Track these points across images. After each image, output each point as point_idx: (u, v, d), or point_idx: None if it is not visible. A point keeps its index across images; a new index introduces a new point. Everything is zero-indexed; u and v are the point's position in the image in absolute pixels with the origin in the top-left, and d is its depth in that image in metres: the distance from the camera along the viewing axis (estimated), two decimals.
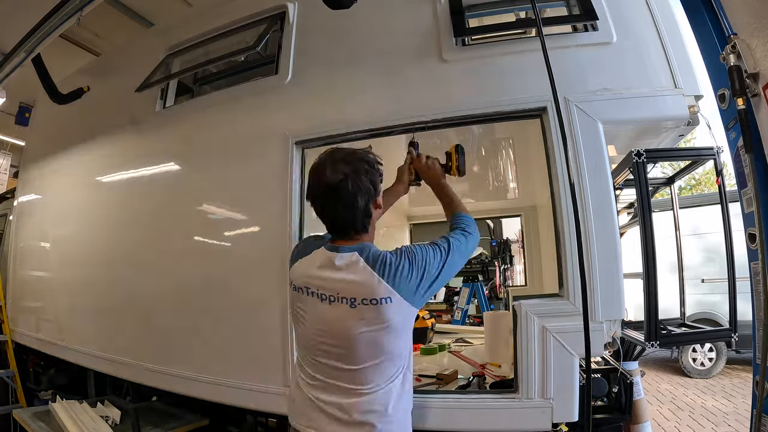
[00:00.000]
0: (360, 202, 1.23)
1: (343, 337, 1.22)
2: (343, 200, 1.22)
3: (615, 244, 1.60)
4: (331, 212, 1.25)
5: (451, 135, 2.44)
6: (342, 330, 1.21)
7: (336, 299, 1.21)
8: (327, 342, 1.24)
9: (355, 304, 1.19)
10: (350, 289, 1.20)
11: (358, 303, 1.19)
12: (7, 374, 3.60)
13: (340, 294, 1.21)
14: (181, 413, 2.58)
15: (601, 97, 1.70)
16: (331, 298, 1.22)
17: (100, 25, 3.79)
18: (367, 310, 1.18)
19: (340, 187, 1.21)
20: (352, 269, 1.21)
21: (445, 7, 1.99)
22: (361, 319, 1.19)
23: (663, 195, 3.50)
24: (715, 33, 1.32)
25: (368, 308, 1.18)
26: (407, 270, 1.20)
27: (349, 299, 1.20)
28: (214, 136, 2.37)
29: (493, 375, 2.04)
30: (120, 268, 2.72)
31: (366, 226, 1.28)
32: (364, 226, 1.28)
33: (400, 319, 1.21)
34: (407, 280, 1.20)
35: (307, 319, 1.28)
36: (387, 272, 1.19)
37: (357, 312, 1.19)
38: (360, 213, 1.24)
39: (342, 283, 1.21)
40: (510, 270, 5.46)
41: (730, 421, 4.31)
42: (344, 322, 1.21)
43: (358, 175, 1.23)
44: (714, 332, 3.25)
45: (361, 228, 1.27)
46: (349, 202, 1.22)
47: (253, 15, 2.42)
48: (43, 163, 3.63)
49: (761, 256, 1.18)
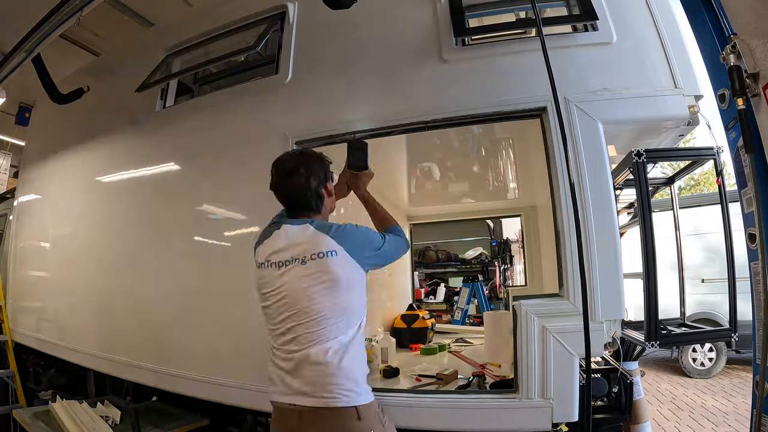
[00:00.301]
0: (312, 183, 1.45)
1: (298, 296, 1.35)
2: (298, 181, 1.44)
3: (615, 244, 1.60)
4: (290, 192, 1.47)
5: (452, 135, 2.44)
6: (296, 289, 1.35)
7: (290, 261, 1.37)
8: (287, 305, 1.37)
9: (305, 261, 1.35)
10: (300, 249, 1.37)
11: (308, 259, 1.35)
12: (7, 374, 3.60)
13: (292, 256, 1.38)
14: (181, 413, 2.58)
15: (601, 97, 1.70)
16: (286, 263, 1.38)
17: (100, 25, 3.79)
18: (315, 265, 1.34)
19: (297, 170, 1.44)
20: (303, 234, 1.40)
21: (445, 7, 1.99)
22: (311, 274, 1.34)
23: (663, 195, 3.50)
24: (715, 33, 1.31)
25: (316, 262, 1.34)
26: (352, 230, 1.40)
27: (300, 258, 1.36)
28: (214, 136, 2.37)
29: (493, 375, 2.04)
30: (120, 267, 2.72)
31: (319, 205, 1.48)
32: (317, 205, 1.48)
33: (346, 274, 1.35)
34: (352, 237, 1.38)
35: (270, 291, 1.41)
36: (333, 230, 1.38)
37: (307, 268, 1.35)
38: (313, 192, 1.46)
39: (294, 247, 1.38)
40: (510, 270, 5.47)
41: (730, 421, 4.31)
42: (297, 281, 1.35)
43: (310, 163, 1.47)
44: (714, 332, 3.25)
45: (315, 206, 1.47)
46: (304, 182, 1.44)
47: (253, 15, 2.42)
48: (43, 163, 3.63)
49: (761, 256, 1.18)
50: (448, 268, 6.62)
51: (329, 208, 1.55)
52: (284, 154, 1.55)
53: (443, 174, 3.20)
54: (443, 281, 6.45)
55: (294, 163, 1.47)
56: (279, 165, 1.49)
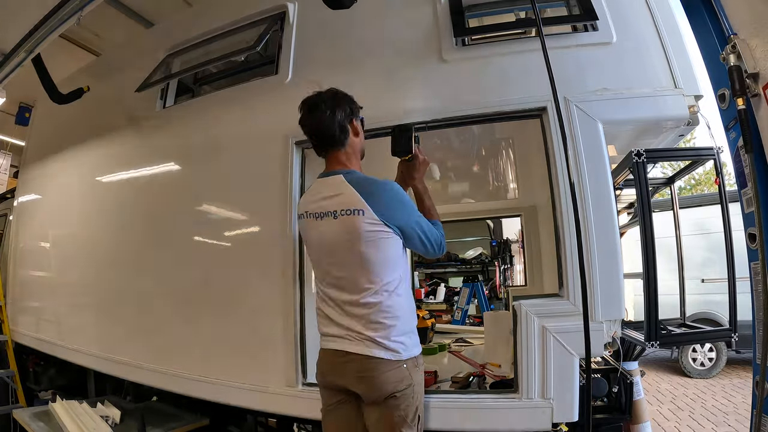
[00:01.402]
0: (337, 115, 1.48)
1: (333, 246, 1.45)
2: (322, 114, 1.48)
3: (615, 244, 1.60)
4: (314, 124, 1.51)
5: (452, 135, 2.44)
6: (331, 240, 1.45)
7: (325, 214, 1.45)
8: (325, 253, 1.48)
9: (337, 215, 1.42)
10: (333, 203, 1.44)
11: (339, 214, 1.42)
12: (7, 374, 3.60)
13: (326, 209, 1.45)
14: (181, 413, 2.58)
15: (601, 97, 1.70)
16: (321, 214, 1.46)
17: (100, 25, 3.79)
18: (346, 221, 1.41)
19: (320, 104, 1.49)
20: (336, 187, 1.45)
21: (445, 7, 1.99)
22: (343, 228, 1.41)
23: (663, 195, 3.50)
24: (715, 33, 1.32)
25: (347, 218, 1.41)
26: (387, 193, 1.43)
27: (332, 212, 1.44)
28: (214, 136, 2.37)
29: (493, 375, 2.04)
30: (120, 267, 2.72)
31: (343, 138, 1.51)
32: (341, 138, 1.50)
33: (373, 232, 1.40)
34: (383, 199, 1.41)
35: (310, 239, 1.54)
36: (364, 189, 1.41)
37: (339, 222, 1.42)
38: (337, 124, 1.48)
39: (327, 200, 1.46)
40: (510, 270, 5.46)
41: (730, 421, 4.31)
42: (331, 233, 1.44)
43: (335, 98, 1.52)
44: (714, 332, 3.24)
45: (339, 139, 1.50)
46: (329, 115, 1.48)
47: (253, 15, 2.42)
48: (43, 163, 3.63)
49: (761, 256, 1.18)
50: (448, 268, 6.62)
51: (358, 148, 1.57)
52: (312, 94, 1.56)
53: (443, 174, 3.20)
54: (443, 281, 6.45)
55: (318, 98, 1.51)
56: (306, 101, 1.53)
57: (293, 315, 1.91)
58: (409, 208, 1.47)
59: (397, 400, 1.39)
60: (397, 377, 1.39)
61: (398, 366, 1.40)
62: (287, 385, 1.89)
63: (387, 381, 1.38)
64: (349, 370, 1.42)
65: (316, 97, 1.52)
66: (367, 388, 1.40)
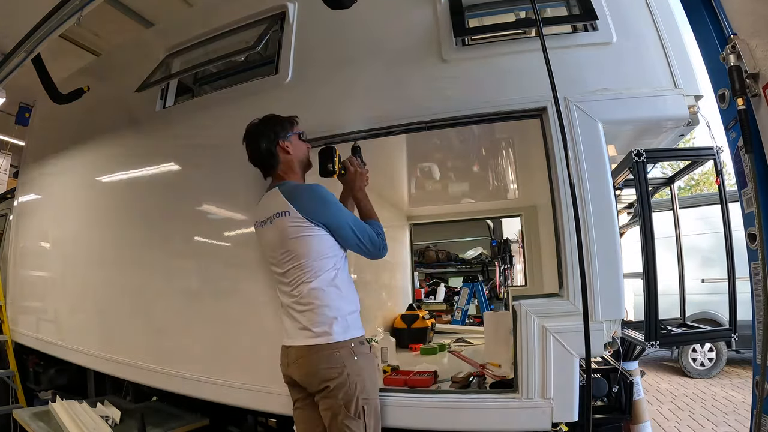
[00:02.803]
0: (262, 145, 1.69)
1: (273, 247, 1.63)
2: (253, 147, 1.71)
3: (615, 244, 1.60)
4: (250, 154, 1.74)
5: (452, 135, 2.44)
6: (270, 241, 1.64)
7: (265, 221, 1.65)
8: (270, 255, 1.67)
9: (272, 220, 1.61)
10: (269, 211, 1.63)
11: (273, 218, 1.60)
12: (7, 374, 3.60)
13: (265, 216, 1.65)
14: (181, 413, 2.58)
15: (601, 97, 1.70)
16: (264, 222, 1.65)
17: (100, 25, 3.79)
18: (277, 223, 1.59)
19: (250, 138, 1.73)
20: (273, 197, 1.63)
21: (445, 7, 1.98)
22: (275, 229, 1.60)
23: (663, 195, 3.50)
24: (715, 33, 1.32)
25: (277, 221, 1.59)
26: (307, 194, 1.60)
27: (269, 218, 1.62)
28: (214, 136, 2.36)
29: (493, 375, 2.04)
30: (120, 267, 2.72)
31: (274, 162, 1.70)
32: (273, 163, 1.70)
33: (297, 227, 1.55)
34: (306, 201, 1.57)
35: (261, 245, 1.74)
36: (290, 194, 1.59)
37: (274, 225, 1.61)
38: (264, 152, 1.69)
39: (266, 210, 1.65)
40: (510, 270, 5.46)
41: (730, 421, 4.31)
42: (270, 235, 1.64)
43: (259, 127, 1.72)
44: (714, 332, 3.25)
45: (271, 164, 1.70)
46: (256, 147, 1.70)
47: (253, 15, 2.42)
48: (43, 163, 3.63)
49: (761, 256, 1.18)
50: (448, 268, 6.62)
51: (294, 163, 1.72)
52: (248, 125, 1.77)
53: (443, 174, 3.19)
54: (443, 281, 6.45)
55: (247, 132, 1.74)
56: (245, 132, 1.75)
57: None
58: (332, 206, 1.59)
59: (331, 390, 1.45)
60: (326, 363, 1.47)
61: (328, 352, 1.48)
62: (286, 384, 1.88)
63: (316, 365, 1.47)
64: (290, 361, 1.57)
65: (246, 131, 1.74)
66: (302, 375, 1.53)
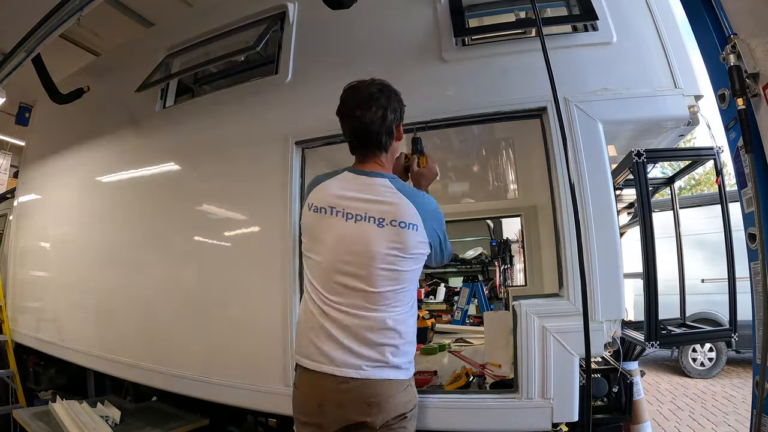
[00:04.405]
0: (389, 116, 1.32)
1: (365, 256, 1.26)
2: (376, 110, 1.29)
3: (615, 244, 1.60)
4: (362, 119, 1.30)
5: (452, 135, 2.44)
6: (365, 249, 1.27)
7: (363, 218, 1.28)
8: (348, 260, 1.28)
9: (383, 224, 1.26)
10: (380, 210, 1.28)
11: (386, 224, 1.26)
12: (7, 374, 3.59)
13: (368, 213, 1.28)
14: (181, 413, 2.57)
15: (601, 97, 1.70)
16: (357, 216, 1.28)
17: (100, 25, 3.78)
18: (393, 232, 1.26)
19: (376, 96, 1.31)
20: (382, 192, 1.30)
21: (445, 7, 1.99)
22: (386, 239, 1.26)
23: (663, 195, 3.50)
24: (715, 33, 1.31)
25: (395, 230, 1.26)
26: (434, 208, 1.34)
27: (377, 219, 1.27)
28: (214, 136, 2.37)
29: (493, 375, 2.03)
30: (120, 267, 2.72)
31: (387, 144, 1.36)
32: (386, 143, 1.36)
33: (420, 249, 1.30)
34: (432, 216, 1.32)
35: (328, 240, 1.31)
36: (419, 202, 1.30)
37: (383, 232, 1.26)
38: (387, 125, 1.32)
39: (371, 204, 1.29)
40: (510, 270, 5.46)
41: (730, 421, 4.31)
42: (369, 241, 1.26)
43: (391, 94, 1.35)
44: (714, 332, 3.25)
45: (384, 143, 1.35)
46: (381, 114, 1.30)
47: (253, 15, 2.42)
48: (43, 163, 3.63)
49: (761, 256, 1.18)
50: (448, 268, 6.61)
51: (394, 155, 1.44)
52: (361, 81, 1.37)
53: (443, 174, 3.19)
54: (443, 281, 6.44)
55: (375, 89, 1.32)
56: (356, 88, 1.34)
57: (292, 315, 1.91)
58: (443, 223, 1.37)
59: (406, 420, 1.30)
60: (407, 397, 1.31)
61: (408, 385, 1.32)
62: (286, 385, 1.88)
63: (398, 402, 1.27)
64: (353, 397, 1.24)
65: (366, 91, 1.32)
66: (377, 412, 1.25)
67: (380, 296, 1.27)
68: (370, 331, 1.27)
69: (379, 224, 1.26)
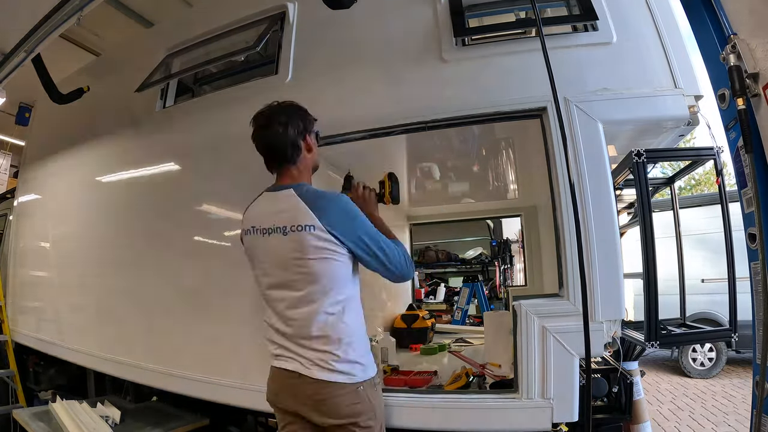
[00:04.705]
0: (290, 132, 1.43)
1: (282, 265, 1.38)
2: (275, 129, 1.43)
3: (615, 244, 1.60)
4: (266, 140, 1.45)
5: (452, 135, 2.44)
6: (280, 258, 1.38)
7: (273, 230, 1.39)
8: (270, 272, 1.42)
9: (287, 232, 1.36)
10: (282, 218, 1.37)
11: (289, 230, 1.36)
12: (7, 374, 3.60)
13: (275, 224, 1.38)
14: (181, 413, 2.57)
15: (601, 97, 1.70)
16: (269, 230, 1.40)
17: (100, 25, 3.79)
18: (295, 237, 1.35)
19: (274, 119, 1.44)
20: (286, 201, 1.39)
21: (445, 7, 1.99)
22: (290, 245, 1.35)
23: (663, 195, 3.50)
24: (715, 33, 1.31)
25: (295, 235, 1.34)
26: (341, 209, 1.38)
27: (281, 227, 1.37)
28: (214, 136, 2.36)
29: (493, 375, 2.03)
30: (120, 267, 2.72)
31: (294, 156, 1.46)
32: (293, 156, 1.45)
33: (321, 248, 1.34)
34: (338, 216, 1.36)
35: (257, 257, 1.46)
36: (318, 203, 1.36)
37: (288, 239, 1.36)
38: (290, 139, 1.43)
39: (276, 215, 1.39)
40: (510, 270, 5.46)
41: (730, 421, 4.31)
42: (280, 250, 1.38)
43: (289, 113, 1.47)
44: (714, 332, 3.25)
45: (290, 156, 1.45)
46: (281, 131, 1.42)
47: (253, 15, 2.42)
48: (43, 163, 3.63)
49: (761, 256, 1.18)
50: (448, 268, 6.61)
51: (309, 164, 1.52)
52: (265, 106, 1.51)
53: (443, 174, 3.20)
54: (443, 281, 6.44)
55: (271, 112, 1.46)
56: (261, 112, 1.49)
57: None
58: (360, 221, 1.39)
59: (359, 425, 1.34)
60: (353, 400, 1.34)
61: (354, 389, 1.35)
62: None
63: (342, 405, 1.33)
64: (301, 393, 1.36)
65: (267, 112, 1.47)
66: (322, 413, 1.35)
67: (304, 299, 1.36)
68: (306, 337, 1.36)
69: (284, 232, 1.36)
